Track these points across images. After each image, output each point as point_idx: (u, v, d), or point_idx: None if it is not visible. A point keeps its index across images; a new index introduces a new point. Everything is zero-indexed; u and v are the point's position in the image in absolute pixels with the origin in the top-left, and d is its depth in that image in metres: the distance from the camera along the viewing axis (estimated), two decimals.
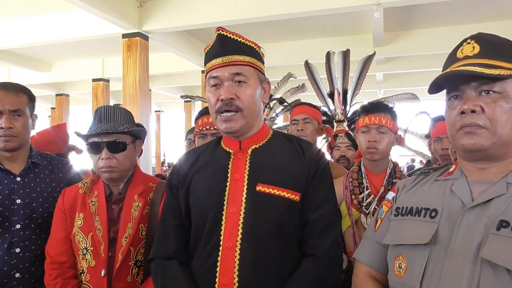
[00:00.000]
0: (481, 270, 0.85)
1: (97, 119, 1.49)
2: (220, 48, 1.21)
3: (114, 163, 1.45)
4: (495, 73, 0.89)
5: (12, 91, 1.62)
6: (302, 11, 4.94)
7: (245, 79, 1.20)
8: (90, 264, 1.42)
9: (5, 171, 1.64)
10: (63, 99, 11.20)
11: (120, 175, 1.49)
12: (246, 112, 1.20)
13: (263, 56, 1.29)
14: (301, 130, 2.26)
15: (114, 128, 1.45)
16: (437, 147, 2.26)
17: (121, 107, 1.56)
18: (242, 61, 1.20)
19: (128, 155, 1.49)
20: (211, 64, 1.22)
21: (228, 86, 1.18)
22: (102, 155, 1.45)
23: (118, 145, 1.47)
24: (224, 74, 1.19)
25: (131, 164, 1.53)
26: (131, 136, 1.52)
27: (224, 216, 1.15)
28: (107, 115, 1.49)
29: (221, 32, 1.22)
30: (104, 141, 1.45)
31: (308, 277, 1.11)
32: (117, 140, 1.46)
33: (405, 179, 1.20)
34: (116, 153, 1.46)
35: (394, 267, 1.01)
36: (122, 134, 1.48)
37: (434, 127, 2.31)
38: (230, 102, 1.18)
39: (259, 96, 1.24)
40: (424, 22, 6.32)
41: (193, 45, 7.05)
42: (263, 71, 1.28)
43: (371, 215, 1.67)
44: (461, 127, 0.95)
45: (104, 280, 1.39)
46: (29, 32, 5.95)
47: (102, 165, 1.45)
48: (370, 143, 1.71)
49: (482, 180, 0.96)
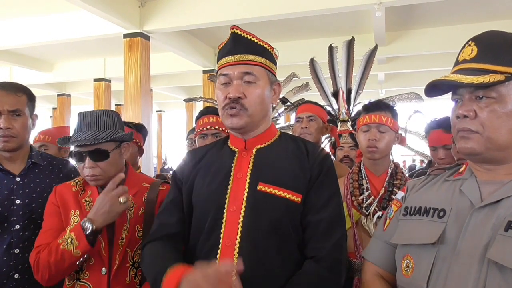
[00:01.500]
0: (488, 271, 0.84)
1: (78, 127, 1.45)
2: (232, 47, 1.21)
3: (97, 172, 1.41)
4: (477, 81, 0.89)
5: (11, 91, 1.61)
6: (304, 10, 4.94)
7: (254, 79, 1.19)
8: (89, 262, 1.40)
9: (4, 171, 1.63)
10: (64, 99, 11.21)
11: (106, 182, 1.44)
12: (251, 112, 1.19)
13: (276, 58, 1.29)
14: (305, 128, 2.25)
15: (94, 139, 1.39)
16: (434, 156, 2.27)
17: (104, 110, 1.50)
18: (254, 61, 1.20)
19: (112, 162, 1.44)
20: (223, 61, 1.22)
21: (237, 85, 1.19)
22: (85, 164, 1.41)
23: (100, 154, 1.42)
24: (234, 73, 1.19)
25: (118, 169, 1.48)
26: (114, 142, 1.46)
27: (224, 214, 1.15)
28: (87, 122, 1.43)
29: (235, 30, 1.22)
30: (85, 151, 1.40)
31: (308, 279, 1.10)
32: (99, 148, 1.41)
33: (415, 178, 1.19)
34: (100, 162, 1.42)
35: (402, 267, 1.01)
36: (103, 143, 1.42)
37: (429, 134, 2.30)
38: (237, 100, 1.18)
39: (268, 97, 1.24)
40: (425, 21, 6.31)
41: (195, 45, 7.05)
42: (275, 72, 1.27)
43: (371, 216, 1.66)
44: (457, 131, 0.96)
45: (104, 278, 1.38)
46: (30, 32, 5.97)
47: (87, 173, 1.42)
48: (370, 141, 1.70)
49: (492, 180, 0.95)
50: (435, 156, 2.26)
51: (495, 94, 0.91)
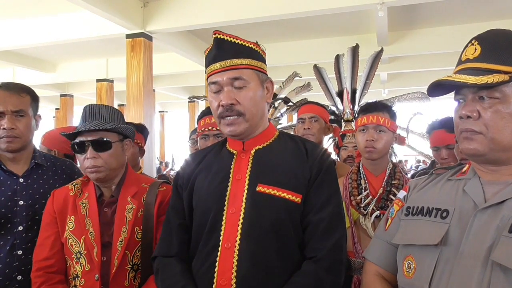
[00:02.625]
0: (492, 273, 0.83)
1: (83, 118, 1.46)
2: (217, 52, 1.19)
3: (99, 162, 1.42)
4: (481, 82, 0.88)
5: (14, 92, 1.61)
6: (306, 10, 4.93)
7: (245, 83, 1.18)
8: (85, 268, 1.39)
9: (7, 172, 1.63)
10: (67, 100, 11.24)
11: (107, 175, 1.45)
12: (248, 116, 1.19)
13: (263, 54, 1.26)
14: (308, 128, 2.25)
15: (98, 126, 1.41)
16: (436, 156, 2.26)
17: (109, 105, 1.53)
18: (241, 64, 1.18)
19: (114, 153, 1.45)
20: (210, 68, 1.21)
21: (227, 92, 1.17)
22: (87, 154, 1.41)
23: (103, 144, 1.43)
24: (223, 79, 1.17)
25: (119, 163, 1.49)
26: (117, 134, 1.48)
27: (224, 216, 1.15)
28: (92, 113, 1.45)
29: (217, 35, 1.19)
30: (88, 140, 1.41)
31: (307, 279, 1.10)
32: (102, 138, 1.42)
33: (417, 178, 1.18)
34: (102, 152, 1.42)
35: (403, 267, 1.00)
36: (107, 132, 1.44)
37: (431, 135, 2.29)
38: (231, 107, 1.17)
39: (261, 97, 1.22)
40: (428, 21, 6.28)
41: (197, 45, 7.05)
42: (265, 70, 1.25)
43: (369, 216, 1.69)
44: (460, 131, 0.95)
45: (97, 284, 1.36)
46: (33, 33, 5.98)
47: (88, 164, 1.42)
48: (368, 142, 1.72)
49: (496, 181, 0.94)
50: (437, 157, 2.25)
51: (498, 94, 0.90)
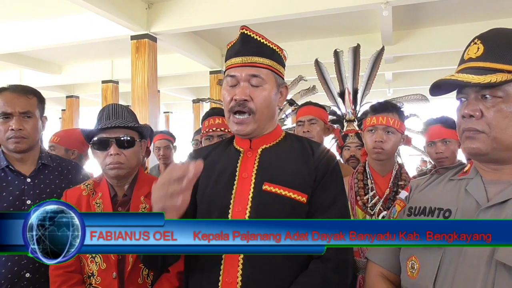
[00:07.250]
0: (496, 273, 0.83)
1: (105, 116, 1.49)
2: (241, 47, 1.19)
3: (122, 159, 1.45)
4: (484, 81, 0.88)
5: (22, 93, 1.64)
6: (310, 10, 4.93)
7: (261, 82, 1.18)
8: (101, 267, 1.42)
9: (15, 172, 1.65)
10: (73, 101, 11.31)
11: (127, 173, 1.49)
12: (258, 116, 1.19)
13: (285, 59, 1.27)
14: (307, 131, 2.23)
15: (124, 124, 1.46)
16: (431, 151, 2.23)
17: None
18: (261, 63, 1.18)
19: (135, 152, 1.50)
20: (231, 62, 1.21)
21: (243, 87, 1.17)
22: (111, 151, 1.44)
23: (127, 141, 1.47)
24: (241, 74, 1.18)
25: (138, 162, 1.53)
26: (138, 133, 1.53)
27: (230, 214, 1.15)
28: (115, 112, 1.50)
29: (244, 31, 1.20)
30: (112, 137, 1.45)
31: (314, 279, 1.09)
32: (126, 135, 1.47)
33: (418, 178, 1.18)
34: (125, 149, 1.46)
35: (407, 268, 1.00)
36: (130, 131, 1.48)
37: (427, 131, 2.28)
38: (244, 103, 1.17)
39: (274, 100, 1.23)
40: (433, 20, 6.25)
41: (201, 46, 7.07)
42: (282, 75, 1.26)
43: (376, 216, 1.68)
44: (463, 130, 0.95)
45: (115, 282, 1.40)
46: (39, 35, 6.03)
47: (110, 161, 1.44)
48: (376, 143, 1.71)
49: (498, 180, 0.94)
50: (432, 153, 2.21)
51: (501, 93, 0.89)
